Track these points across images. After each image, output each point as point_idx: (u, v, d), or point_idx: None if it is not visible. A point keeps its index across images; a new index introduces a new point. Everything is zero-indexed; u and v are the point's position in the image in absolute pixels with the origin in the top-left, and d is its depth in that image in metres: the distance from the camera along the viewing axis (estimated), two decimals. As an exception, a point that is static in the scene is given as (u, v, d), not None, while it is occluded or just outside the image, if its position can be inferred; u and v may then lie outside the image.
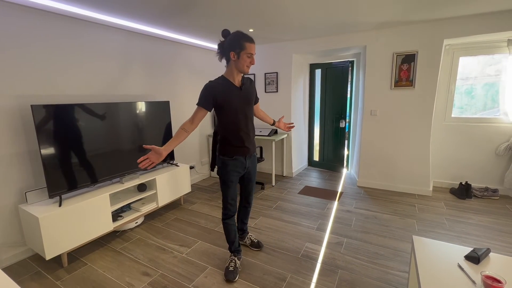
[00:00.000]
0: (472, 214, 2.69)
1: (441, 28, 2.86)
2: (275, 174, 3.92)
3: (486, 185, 3.21)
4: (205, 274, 1.88)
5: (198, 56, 3.77)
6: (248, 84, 1.81)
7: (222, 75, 1.72)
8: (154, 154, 1.54)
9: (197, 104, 1.66)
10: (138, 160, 1.52)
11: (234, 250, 1.96)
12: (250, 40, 1.61)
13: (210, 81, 1.68)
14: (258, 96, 2.02)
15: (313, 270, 1.89)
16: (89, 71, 2.45)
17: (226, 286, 1.75)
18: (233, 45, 1.60)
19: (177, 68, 3.46)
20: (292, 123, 2.13)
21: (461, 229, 2.40)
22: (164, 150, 1.55)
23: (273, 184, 3.72)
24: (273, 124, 2.16)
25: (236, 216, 2.17)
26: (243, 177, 1.95)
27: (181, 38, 3.32)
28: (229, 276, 1.82)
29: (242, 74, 1.73)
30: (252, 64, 1.66)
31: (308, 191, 3.48)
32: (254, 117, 1.94)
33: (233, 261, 1.90)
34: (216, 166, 1.87)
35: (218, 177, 1.85)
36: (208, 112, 1.68)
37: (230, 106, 1.68)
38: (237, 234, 1.98)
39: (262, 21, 2.77)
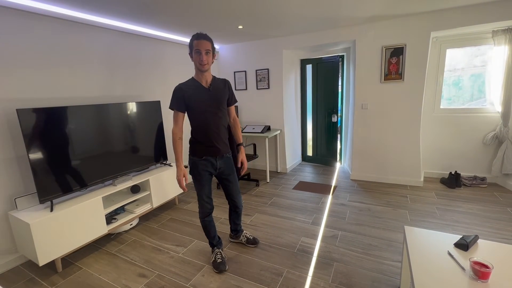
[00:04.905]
0: (462, 203, 2.77)
1: (428, 21, 2.89)
2: (269, 171, 3.94)
3: (475, 173, 3.30)
4: (202, 272, 1.89)
5: (186, 54, 3.72)
6: (221, 85, 1.82)
7: (192, 77, 1.78)
8: (178, 172, 1.78)
9: (170, 108, 1.76)
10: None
11: (216, 243, 2.00)
12: (196, 37, 1.64)
13: (178, 84, 1.76)
14: (236, 98, 1.98)
15: (309, 264, 1.92)
16: (75, 73, 2.40)
17: (223, 283, 1.76)
18: (189, 47, 1.69)
19: (167, 67, 3.42)
20: (245, 169, 1.97)
21: (451, 218, 2.47)
22: (179, 165, 1.79)
23: (268, 181, 3.74)
24: (238, 145, 1.98)
25: (228, 219, 2.18)
26: (221, 180, 1.95)
27: (169, 36, 3.28)
28: (221, 267, 1.87)
29: (212, 75, 1.80)
30: (202, 61, 1.64)
31: (302, 186, 3.51)
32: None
33: (218, 253, 1.95)
34: (188, 167, 1.88)
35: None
36: (185, 113, 1.78)
37: (197, 106, 1.73)
38: (216, 228, 2.01)
39: (250, 17, 2.75)
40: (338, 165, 4.34)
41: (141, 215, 2.63)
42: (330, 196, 3.11)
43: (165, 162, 3.08)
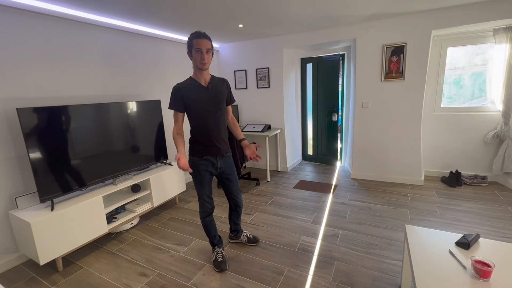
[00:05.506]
0: (463, 201, 2.76)
1: (429, 20, 2.88)
2: (269, 170, 3.94)
3: (476, 172, 3.29)
4: (203, 271, 1.89)
5: (186, 52, 3.71)
6: (220, 84, 1.81)
7: (190, 76, 1.77)
8: (179, 160, 1.58)
9: (169, 108, 1.74)
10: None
11: (217, 242, 1.99)
12: (197, 36, 1.63)
13: (177, 84, 1.75)
14: (236, 97, 1.97)
15: (310, 263, 1.92)
16: (75, 72, 2.39)
17: (224, 282, 1.76)
18: (188, 45, 1.68)
19: (167, 66, 3.41)
20: (259, 157, 1.87)
21: (452, 216, 2.47)
22: (181, 155, 1.61)
23: (268, 180, 3.74)
24: (240, 141, 1.93)
25: (228, 218, 2.17)
26: (221, 180, 1.94)
27: (169, 35, 3.28)
28: (222, 266, 1.87)
29: (210, 74, 1.79)
30: (203, 60, 1.63)
31: (303, 185, 3.50)
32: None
33: (219, 252, 1.95)
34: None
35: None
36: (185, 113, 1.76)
37: (196, 105, 1.72)
38: (216, 228, 2.01)
39: (250, 16, 2.74)
40: (338, 164, 4.34)
41: (141, 214, 2.63)
42: (330, 195, 3.11)
43: (165, 161, 3.08)
